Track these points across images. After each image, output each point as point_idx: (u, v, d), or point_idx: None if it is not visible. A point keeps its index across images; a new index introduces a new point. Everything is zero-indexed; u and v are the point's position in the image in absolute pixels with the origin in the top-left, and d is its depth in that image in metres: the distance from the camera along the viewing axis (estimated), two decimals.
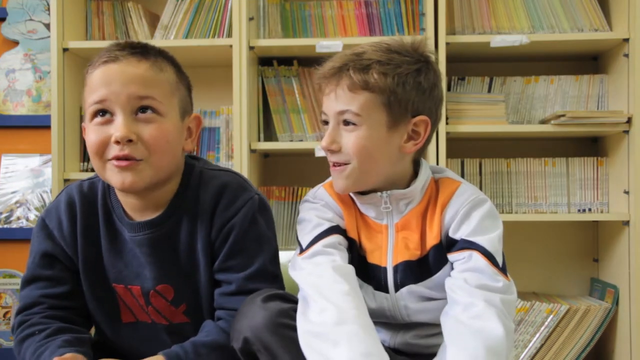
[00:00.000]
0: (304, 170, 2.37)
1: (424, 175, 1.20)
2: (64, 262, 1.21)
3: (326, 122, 1.19)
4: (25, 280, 1.22)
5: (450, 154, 2.12)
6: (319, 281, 1.10)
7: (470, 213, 1.15)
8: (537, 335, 2.10)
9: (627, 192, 2.07)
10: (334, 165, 1.18)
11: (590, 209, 2.19)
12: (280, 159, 2.42)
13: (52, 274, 1.20)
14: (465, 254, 1.13)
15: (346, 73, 1.13)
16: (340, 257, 1.16)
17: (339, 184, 1.18)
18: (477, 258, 1.12)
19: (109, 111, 1.11)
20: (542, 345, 2.10)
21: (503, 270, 1.13)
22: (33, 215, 2.46)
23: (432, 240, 1.17)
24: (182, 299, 1.21)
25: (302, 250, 1.19)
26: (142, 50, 1.15)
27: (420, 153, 1.22)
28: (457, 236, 1.15)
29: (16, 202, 2.48)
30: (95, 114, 1.11)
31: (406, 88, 1.12)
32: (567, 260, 2.36)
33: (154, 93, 1.12)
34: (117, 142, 1.09)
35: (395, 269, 1.18)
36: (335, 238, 1.18)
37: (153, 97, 1.11)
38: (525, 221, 2.24)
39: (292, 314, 1.08)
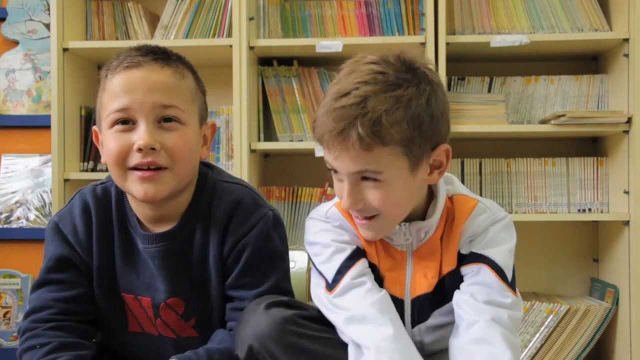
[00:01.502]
0: (304, 170, 2.37)
1: (442, 201, 1.13)
2: (79, 266, 1.19)
3: (335, 171, 1.08)
4: (37, 284, 1.19)
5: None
6: (364, 328, 1.05)
7: (488, 230, 1.11)
8: (537, 335, 2.10)
9: (627, 192, 2.07)
10: (360, 218, 1.10)
11: (590, 209, 2.19)
12: (280, 159, 2.42)
13: (65, 277, 1.18)
14: (474, 267, 1.10)
15: (355, 132, 0.98)
16: (371, 284, 1.10)
17: (368, 235, 1.12)
18: (485, 272, 1.08)
19: (131, 119, 1.08)
20: (542, 345, 2.10)
21: (512, 285, 1.09)
22: (33, 215, 2.46)
23: (448, 265, 1.13)
24: (193, 312, 1.19)
25: (330, 287, 1.12)
26: (164, 56, 1.12)
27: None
28: (467, 250, 1.12)
29: (16, 202, 2.48)
30: (116, 121, 1.09)
31: (422, 128, 1.01)
32: (567, 260, 2.36)
33: (177, 101, 1.10)
34: (140, 150, 1.06)
35: (413, 303, 1.14)
36: (361, 265, 1.12)
37: (176, 105, 1.09)
38: (525, 221, 2.24)
39: (297, 321, 1.06)
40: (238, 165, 2.10)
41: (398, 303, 1.13)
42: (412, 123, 1.00)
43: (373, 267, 1.15)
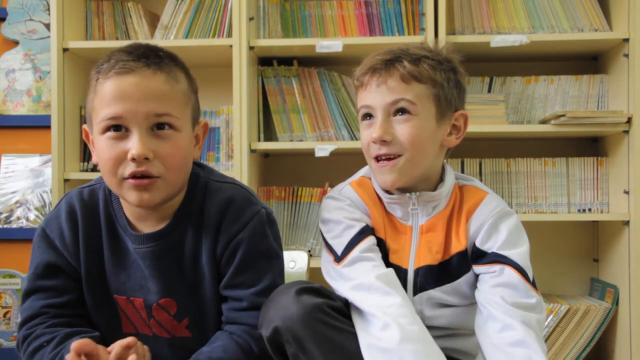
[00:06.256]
0: (304, 170, 2.37)
1: (450, 179, 1.21)
2: (67, 271, 1.17)
3: (367, 116, 1.19)
4: (26, 293, 1.18)
5: (450, 154, 2.11)
6: (370, 296, 1.10)
7: (498, 225, 1.17)
8: None
9: (627, 192, 2.07)
10: (382, 160, 1.17)
11: (590, 209, 2.19)
12: (280, 159, 2.42)
13: (55, 284, 1.17)
14: (496, 267, 1.14)
15: (399, 64, 1.15)
16: (379, 261, 1.16)
17: (387, 178, 1.17)
18: (510, 273, 1.13)
19: (124, 126, 1.07)
20: None
21: (534, 284, 1.15)
22: (33, 215, 2.46)
23: (457, 246, 1.18)
24: (185, 313, 1.18)
25: (338, 258, 1.18)
26: (156, 60, 1.09)
27: (449, 153, 1.26)
28: (486, 248, 1.16)
29: (16, 202, 2.48)
30: (108, 128, 1.07)
31: (450, 84, 1.18)
32: (567, 260, 2.36)
33: (170, 108, 1.08)
34: (133, 160, 1.05)
35: (417, 272, 1.18)
36: (370, 240, 1.18)
37: (170, 113, 1.08)
38: (526, 221, 2.21)
39: (325, 310, 1.08)
40: (238, 165, 2.10)
41: (402, 272, 1.19)
42: (443, 74, 1.17)
43: (380, 244, 1.21)
